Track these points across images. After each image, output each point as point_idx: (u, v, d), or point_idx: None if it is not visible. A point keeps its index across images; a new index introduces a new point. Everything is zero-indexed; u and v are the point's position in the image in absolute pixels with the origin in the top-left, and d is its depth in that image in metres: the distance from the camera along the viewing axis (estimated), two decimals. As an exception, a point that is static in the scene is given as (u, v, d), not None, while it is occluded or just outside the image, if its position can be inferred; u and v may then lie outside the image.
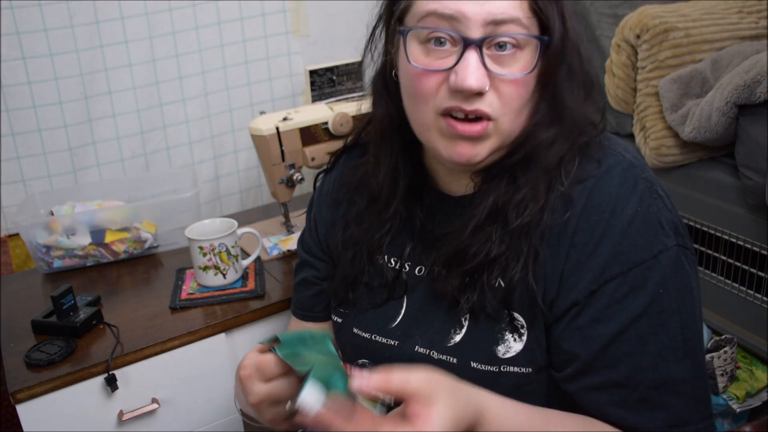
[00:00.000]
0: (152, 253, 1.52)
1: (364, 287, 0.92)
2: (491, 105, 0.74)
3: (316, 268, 1.03)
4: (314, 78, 1.64)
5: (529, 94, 0.75)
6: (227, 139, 1.79)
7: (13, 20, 1.46)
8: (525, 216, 0.76)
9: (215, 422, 1.29)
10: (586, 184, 0.77)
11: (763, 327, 1.33)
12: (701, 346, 0.79)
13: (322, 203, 1.01)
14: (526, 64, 0.73)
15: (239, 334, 1.29)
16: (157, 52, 1.62)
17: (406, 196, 0.87)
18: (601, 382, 0.75)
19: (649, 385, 0.74)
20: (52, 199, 1.52)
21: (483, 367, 0.80)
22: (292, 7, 1.76)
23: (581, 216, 0.76)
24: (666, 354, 0.74)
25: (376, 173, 0.88)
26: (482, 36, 0.72)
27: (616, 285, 0.75)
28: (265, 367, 0.74)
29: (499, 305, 0.79)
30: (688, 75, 1.41)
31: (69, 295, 1.22)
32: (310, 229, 1.04)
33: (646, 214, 0.75)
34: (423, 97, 0.76)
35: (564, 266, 0.77)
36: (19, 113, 1.53)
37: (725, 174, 1.36)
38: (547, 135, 0.77)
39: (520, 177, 0.78)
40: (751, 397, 1.45)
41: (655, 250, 0.75)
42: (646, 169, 0.80)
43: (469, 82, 0.71)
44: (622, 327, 0.74)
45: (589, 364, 0.75)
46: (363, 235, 0.90)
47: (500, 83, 0.73)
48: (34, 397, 1.10)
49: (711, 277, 1.41)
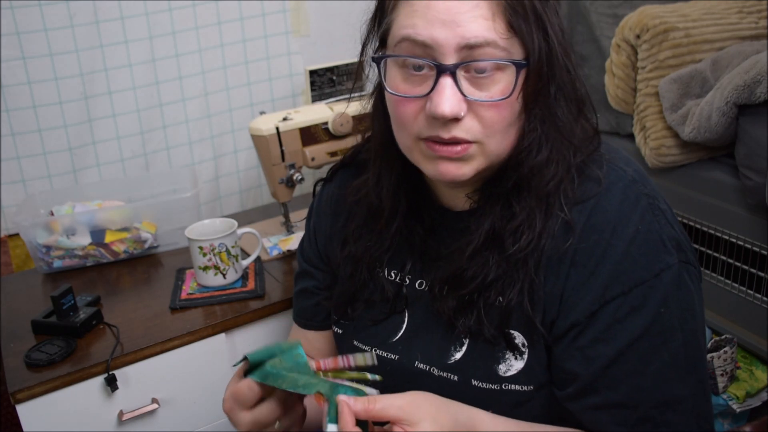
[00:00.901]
0: (152, 253, 1.52)
1: (363, 303, 0.91)
2: (469, 130, 0.72)
3: (315, 278, 1.02)
4: (314, 78, 1.64)
5: (514, 115, 0.73)
6: (227, 139, 1.79)
7: (13, 20, 1.46)
8: (522, 243, 0.75)
9: (215, 422, 1.29)
10: (587, 204, 0.76)
11: (763, 327, 1.33)
12: (703, 362, 0.78)
13: (321, 213, 1.00)
14: (506, 86, 0.71)
15: (239, 334, 1.29)
16: (157, 52, 1.62)
17: (407, 212, 0.86)
18: (602, 402, 0.75)
19: (650, 405, 0.74)
20: (52, 199, 1.52)
21: (484, 385, 0.80)
22: (292, 7, 1.76)
23: (582, 236, 0.75)
24: (667, 373, 0.74)
25: (377, 189, 0.86)
26: (456, 62, 0.70)
27: (617, 305, 0.74)
28: (242, 396, 0.76)
29: (496, 330, 0.78)
30: (688, 75, 1.41)
31: (69, 295, 1.22)
32: (310, 239, 1.02)
33: (648, 232, 0.74)
34: (403, 124, 0.76)
35: (564, 286, 0.76)
36: (19, 113, 1.53)
37: (725, 174, 1.36)
38: (540, 156, 0.75)
39: (516, 204, 0.76)
40: (751, 397, 1.45)
41: (657, 268, 0.74)
42: (647, 183, 0.79)
43: (442, 109, 0.70)
44: (623, 347, 0.74)
45: (590, 384, 0.75)
46: (363, 251, 0.89)
47: (479, 107, 0.72)
48: (34, 397, 1.10)
49: (711, 277, 1.41)
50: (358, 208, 0.90)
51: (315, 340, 1.06)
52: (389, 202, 0.85)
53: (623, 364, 0.74)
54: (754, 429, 1.38)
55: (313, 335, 1.05)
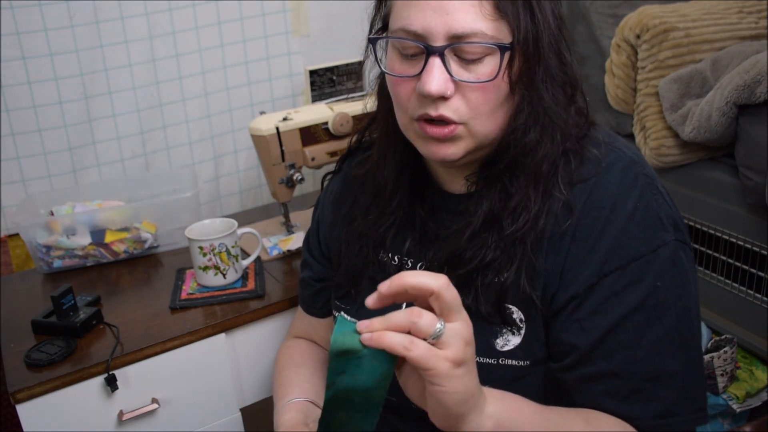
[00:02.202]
0: (152, 253, 1.52)
1: (368, 281, 0.93)
2: (456, 111, 0.75)
3: (312, 270, 1.07)
4: (314, 78, 1.64)
5: (501, 97, 0.76)
6: (227, 139, 1.79)
7: (13, 20, 1.46)
8: (519, 223, 0.78)
9: (215, 422, 1.29)
10: (588, 183, 0.78)
11: (763, 327, 1.33)
12: (697, 342, 0.80)
13: (326, 203, 1.04)
14: (493, 68, 0.74)
15: (239, 334, 1.29)
16: (157, 52, 1.62)
17: (409, 191, 0.89)
18: (596, 372, 0.76)
19: (642, 377, 0.75)
20: (52, 199, 1.52)
21: (481, 359, 0.81)
22: (292, 7, 1.76)
23: (582, 213, 0.78)
24: (661, 347, 0.76)
25: (381, 167, 0.90)
26: (444, 44, 0.73)
27: (614, 278, 0.76)
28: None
29: (493, 308, 0.80)
30: (688, 75, 1.41)
31: (69, 295, 1.22)
32: (313, 230, 1.08)
33: (646, 210, 0.77)
34: (399, 103, 0.80)
35: (565, 261, 0.78)
36: (19, 113, 1.53)
37: (725, 174, 1.36)
38: (529, 137, 0.77)
39: (511, 184, 0.79)
40: (751, 397, 1.45)
41: (654, 244, 0.76)
42: (646, 166, 0.81)
43: (429, 87, 0.73)
44: (619, 319, 0.76)
45: (586, 355, 0.77)
46: (369, 227, 0.92)
47: (466, 89, 0.75)
48: (34, 397, 1.10)
49: (711, 277, 1.41)
50: (365, 189, 0.94)
51: (317, 326, 1.11)
52: (392, 179, 0.89)
53: (618, 335, 0.76)
54: (754, 429, 1.38)
55: (316, 322, 1.10)
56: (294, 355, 1.10)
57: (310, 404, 0.99)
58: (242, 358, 1.31)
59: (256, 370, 1.33)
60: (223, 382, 1.28)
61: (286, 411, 0.96)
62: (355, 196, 0.96)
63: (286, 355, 1.11)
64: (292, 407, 0.97)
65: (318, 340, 1.13)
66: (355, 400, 0.65)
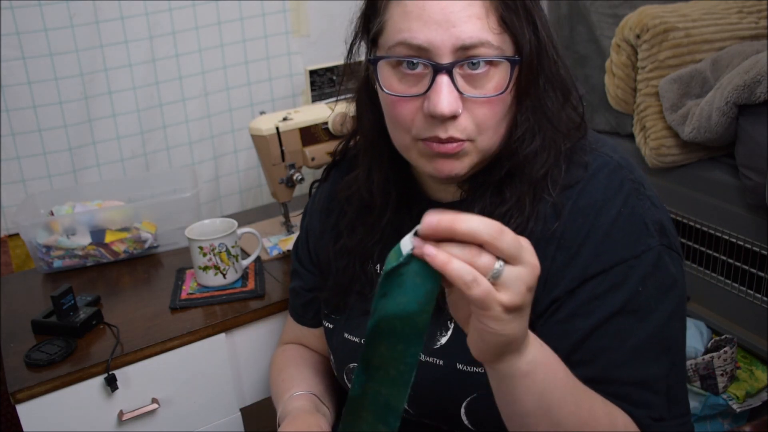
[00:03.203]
0: (152, 253, 1.52)
1: (356, 295, 0.92)
2: (464, 130, 0.74)
3: (303, 279, 1.06)
4: (314, 78, 1.64)
5: (505, 110, 0.75)
6: (227, 139, 1.79)
7: (13, 20, 1.46)
8: (510, 226, 0.76)
9: (215, 422, 1.29)
10: (574, 188, 0.78)
11: (763, 327, 1.33)
12: (680, 346, 0.79)
13: (314, 212, 1.03)
14: (500, 82, 0.73)
15: (239, 334, 1.29)
16: (157, 52, 1.62)
17: (397, 205, 0.88)
18: (578, 377, 0.75)
19: (624, 382, 0.75)
20: (52, 199, 1.52)
21: (469, 368, 0.81)
22: (292, 7, 1.76)
23: (568, 219, 0.77)
24: (642, 351, 0.75)
25: (368, 184, 0.89)
26: (452, 60, 0.71)
27: (596, 282, 0.76)
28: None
29: None
30: (688, 75, 1.41)
31: (69, 295, 1.22)
32: (302, 239, 1.06)
33: (631, 215, 0.76)
34: (400, 124, 0.77)
35: (550, 267, 0.77)
36: (19, 113, 1.53)
37: (725, 174, 1.36)
38: (534, 145, 0.77)
39: (506, 190, 0.79)
40: (751, 397, 1.45)
41: (638, 250, 0.76)
42: (633, 170, 0.80)
43: (441, 107, 0.71)
44: (599, 322, 0.75)
45: (566, 359, 0.75)
46: (356, 244, 0.91)
47: (473, 105, 0.73)
48: (34, 397, 1.10)
49: (711, 277, 1.41)
50: (351, 203, 0.92)
51: (309, 335, 1.10)
52: (380, 196, 0.88)
53: (599, 338, 0.75)
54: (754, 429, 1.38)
55: (307, 331, 1.10)
56: (293, 356, 1.10)
57: (316, 398, 0.98)
58: (242, 358, 1.31)
59: (256, 370, 1.33)
60: (223, 382, 1.28)
61: (295, 400, 0.96)
62: (342, 206, 0.95)
63: (283, 357, 1.11)
64: (300, 397, 0.96)
65: (312, 348, 1.12)
66: (397, 327, 0.60)
